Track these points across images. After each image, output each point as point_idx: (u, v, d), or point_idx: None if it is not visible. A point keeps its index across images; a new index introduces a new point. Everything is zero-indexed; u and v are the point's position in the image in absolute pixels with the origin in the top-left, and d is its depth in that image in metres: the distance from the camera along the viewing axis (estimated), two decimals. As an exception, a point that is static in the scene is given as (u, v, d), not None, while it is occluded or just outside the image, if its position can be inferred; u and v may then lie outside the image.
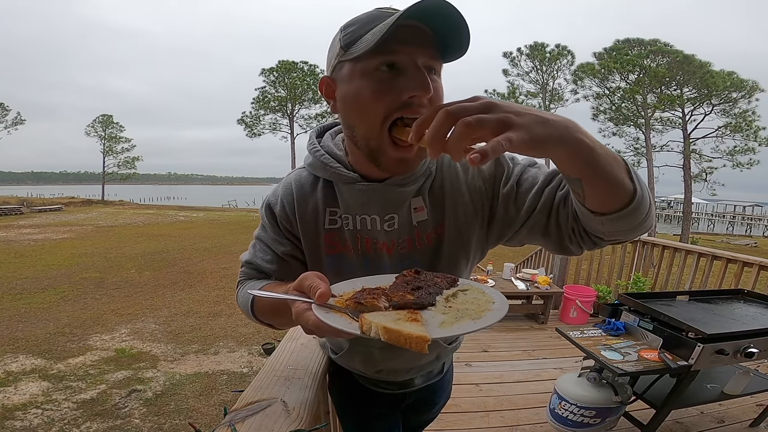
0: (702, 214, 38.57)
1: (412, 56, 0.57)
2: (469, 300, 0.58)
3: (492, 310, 0.54)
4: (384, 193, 0.71)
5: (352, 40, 0.59)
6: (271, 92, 23.20)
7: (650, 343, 1.76)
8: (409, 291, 0.57)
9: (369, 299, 0.54)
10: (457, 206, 0.74)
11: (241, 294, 0.79)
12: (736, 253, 3.41)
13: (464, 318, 0.52)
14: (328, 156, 0.73)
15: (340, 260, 0.76)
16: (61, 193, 42.46)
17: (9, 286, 7.48)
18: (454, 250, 0.76)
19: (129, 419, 3.51)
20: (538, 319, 3.99)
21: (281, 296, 0.55)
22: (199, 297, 7.15)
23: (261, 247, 0.81)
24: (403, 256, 0.75)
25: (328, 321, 0.49)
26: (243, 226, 18.05)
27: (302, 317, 0.51)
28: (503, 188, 0.72)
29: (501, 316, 0.52)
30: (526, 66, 18.53)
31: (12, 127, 28.32)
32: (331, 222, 0.75)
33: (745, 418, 2.24)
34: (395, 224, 0.73)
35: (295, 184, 0.77)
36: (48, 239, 12.94)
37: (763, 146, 15.28)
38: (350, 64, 0.61)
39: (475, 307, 0.56)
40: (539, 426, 2.20)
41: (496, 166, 0.74)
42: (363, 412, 0.99)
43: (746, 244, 18.45)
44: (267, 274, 0.79)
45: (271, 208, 0.78)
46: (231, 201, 41.35)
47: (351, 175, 0.71)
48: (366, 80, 0.59)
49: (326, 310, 0.52)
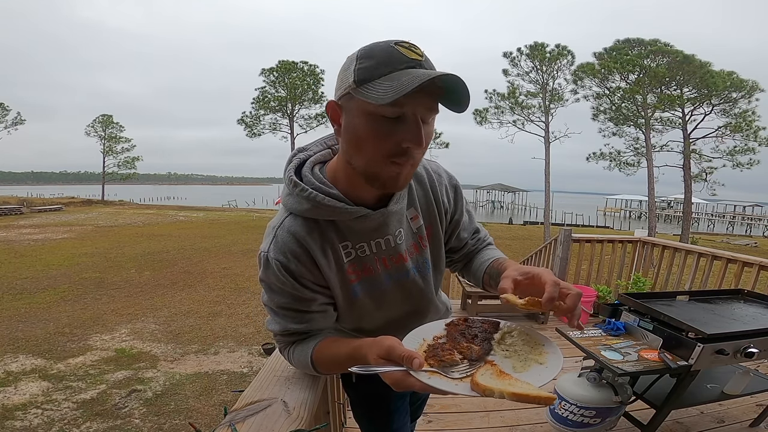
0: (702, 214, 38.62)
1: (414, 109, 0.62)
2: (519, 342, 0.68)
3: (549, 352, 0.65)
4: (390, 216, 0.78)
5: (366, 78, 0.61)
6: (271, 92, 23.18)
7: (650, 343, 1.76)
8: (469, 340, 0.67)
9: (447, 356, 0.62)
10: (436, 207, 0.89)
11: (296, 359, 0.82)
12: (736, 253, 3.41)
13: (530, 362, 0.64)
14: (329, 198, 0.72)
15: (368, 283, 0.82)
16: (61, 193, 42.39)
17: (9, 286, 7.48)
18: (438, 243, 0.91)
19: (129, 419, 3.51)
20: (538, 319, 4.00)
21: (382, 370, 0.60)
22: (199, 297, 7.15)
23: (287, 315, 0.78)
24: (416, 259, 0.87)
25: (436, 385, 0.57)
26: (243, 226, 18.05)
27: (405, 383, 0.58)
28: (454, 215, 0.94)
29: (561, 358, 0.63)
30: (526, 66, 18.47)
31: (12, 127, 28.26)
32: (347, 254, 0.78)
33: (745, 418, 2.24)
34: (402, 236, 0.83)
35: (299, 235, 0.74)
36: (48, 239, 12.94)
37: (763, 146, 15.27)
38: (359, 101, 0.63)
39: (530, 349, 0.67)
40: (539, 426, 2.20)
41: (456, 196, 0.93)
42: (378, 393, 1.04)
43: (746, 244, 18.47)
44: (306, 332, 0.81)
45: (284, 268, 0.73)
46: (231, 201, 41.35)
47: (357, 210, 0.73)
48: (370, 123, 0.63)
49: (426, 375, 0.58)
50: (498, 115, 19.12)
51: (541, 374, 0.59)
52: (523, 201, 47.67)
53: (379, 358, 0.61)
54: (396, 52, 0.62)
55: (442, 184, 0.90)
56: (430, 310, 0.95)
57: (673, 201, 38.42)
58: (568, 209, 36.68)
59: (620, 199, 47.27)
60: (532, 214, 38.25)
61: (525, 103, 18.66)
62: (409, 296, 0.88)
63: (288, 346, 0.83)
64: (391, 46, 0.62)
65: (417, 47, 0.64)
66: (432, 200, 0.88)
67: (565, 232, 4.41)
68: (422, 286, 0.89)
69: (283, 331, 0.80)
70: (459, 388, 0.57)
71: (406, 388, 0.58)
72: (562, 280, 3.40)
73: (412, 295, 0.89)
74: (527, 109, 18.74)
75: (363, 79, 0.62)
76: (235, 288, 7.77)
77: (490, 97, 18.96)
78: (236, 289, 7.72)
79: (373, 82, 0.61)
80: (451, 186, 0.93)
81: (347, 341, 0.74)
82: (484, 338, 0.68)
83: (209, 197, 52.17)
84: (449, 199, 0.92)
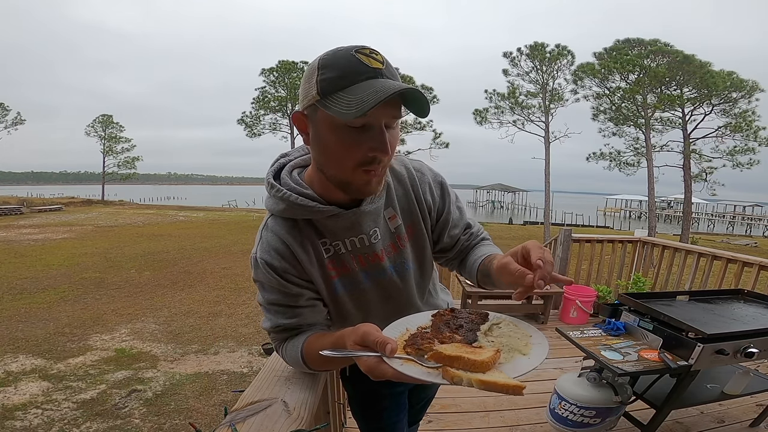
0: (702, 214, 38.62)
1: (378, 118, 0.64)
2: (506, 333, 0.68)
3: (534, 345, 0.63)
4: (363, 215, 0.80)
5: (329, 90, 0.63)
6: (271, 92, 23.16)
7: (650, 343, 1.76)
8: (453, 330, 0.66)
9: (425, 345, 0.60)
10: (417, 206, 0.89)
11: (288, 355, 0.84)
12: (736, 253, 3.41)
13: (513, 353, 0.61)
14: (302, 198, 0.76)
15: (347, 280, 0.85)
16: (61, 193, 42.36)
17: (9, 286, 7.48)
18: (422, 243, 0.91)
19: (129, 419, 3.51)
20: (538, 319, 4.00)
21: (352, 354, 0.60)
22: (199, 297, 7.15)
23: (278, 310, 0.82)
24: (394, 259, 0.88)
25: (407, 372, 0.56)
26: (243, 226, 18.05)
27: (378, 370, 0.57)
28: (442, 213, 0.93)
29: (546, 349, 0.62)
30: (526, 66, 18.46)
31: (12, 127, 28.25)
32: (326, 251, 0.82)
33: (745, 418, 2.24)
34: (378, 236, 0.84)
35: (280, 233, 0.79)
36: (48, 239, 12.94)
37: (763, 146, 15.24)
38: (323, 113, 0.65)
39: (515, 340, 0.65)
40: (539, 426, 2.20)
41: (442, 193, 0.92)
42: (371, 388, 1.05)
43: (746, 244, 18.47)
44: (296, 327, 0.83)
45: (269, 265, 0.78)
46: (231, 201, 41.34)
47: (329, 209, 0.76)
48: (336, 133, 0.65)
49: (399, 362, 0.57)
50: (498, 115, 19.11)
51: (521, 365, 0.58)
52: (523, 201, 47.68)
53: (355, 344, 0.61)
54: (356, 61, 0.63)
55: (425, 182, 0.90)
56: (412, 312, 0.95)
57: (673, 201, 38.42)
58: (568, 209, 36.67)
59: (620, 199, 47.28)
60: (532, 214, 38.25)
61: (525, 103, 18.65)
62: (389, 296, 0.89)
63: (281, 343, 0.85)
64: (351, 54, 0.63)
65: (378, 53, 0.65)
66: (413, 199, 0.88)
67: (565, 232, 4.41)
68: (401, 286, 0.90)
69: (275, 327, 0.82)
70: (431, 377, 0.56)
71: (380, 376, 0.58)
72: (562, 280, 3.26)
73: (391, 296, 0.90)
74: (527, 109, 18.73)
75: (326, 91, 0.63)
76: (235, 288, 7.77)
77: (490, 97, 18.97)
78: (236, 289, 7.72)
79: (335, 95, 0.62)
80: (435, 183, 0.92)
81: (330, 334, 0.76)
82: (469, 329, 0.67)
83: (209, 197, 52.17)
84: (434, 196, 0.91)
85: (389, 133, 0.67)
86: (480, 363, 0.55)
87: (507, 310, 4.09)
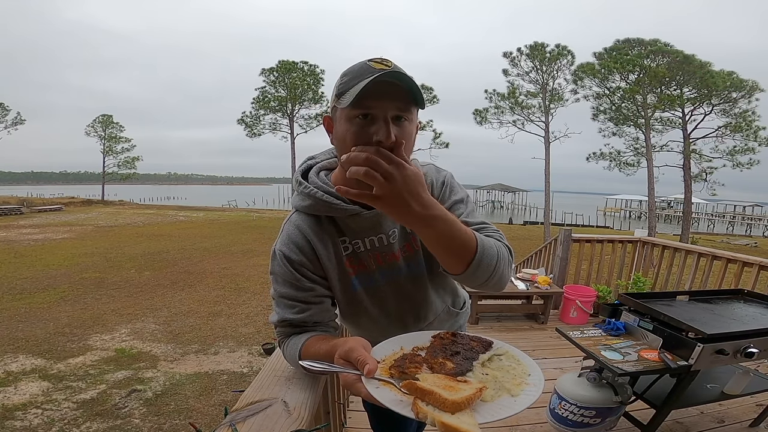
0: (702, 214, 38.61)
1: (384, 110, 0.70)
2: (504, 367, 0.64)
3: (529, 384, 0.59)
4: (383, 216, 0.85)
5: (343, 91, 0.72)
6: (271, 92, 23.16)
7: (650, 343, 1.76)
8: (448, 357, 0.63)
9: (411, 369, 0.59)
10: None
11: (288, 352, 0.86)
12: (736, 253, 3.41)
13: (502, 391, 0.58)
14: (328, 195, 0.82)
15: (364, 277, 0.89)
16: (61, 193, 42.34)
17: (9, 286, 7.48)
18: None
19: (129, 419, 3.51)
20: (538, 319, 3.99)
21: (332, 370, 0.61)
22: (199, 297, 7.15)
23: (287, 304, 0.85)
24: (408, 258, 0.91)
25: (379, 397, 0.54)
26: (243, 226, 18.05)
27: (353, 388, 0.58)
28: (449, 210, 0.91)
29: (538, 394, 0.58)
30: (526, 66, 18.43)
31: (12, 127, 28.22)
32: (345, 249, 0.87)
33: (745, 418, 2.24)
34: (396, 235, 0.88)
35: (302, 228, 0.85)
36: (48, 239, 12.94)
37: (763, 146, 15.23)
38: (339, 110, 0.74)
39: (511, 378, 0.61)
40: (539, 426, 2.20)
41: (443, 189, 0.93)
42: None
43: (746, 244, 18.46)
44: (302, 324, 0.86)
45: (286, 257, 0.83)
46: (231, 201, 41.32)
47: (353, 208, 0.82)
48: (348, 126, 0.73)
49: (375, 384, 0.56)
50: (498, 115, 19.10)
51: (499, 410, 0.54)
52: (523, 201, 47.64)
53: (340, 358, 0.63)
54: (367, 67, 0.72)
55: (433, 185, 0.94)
56: (427, 311, 0.96)
57: (673, 201, 38.41)
58: (568, 209, 36.65)
59: (620, 199, 47.25)
60: (532, 214, 38.22)
61: (525, 103, 18.64)
62: (403, 295, 0.92)
63: (285, 338, 0.87)
64: (364, 62, 0.73)
65: (388, 60, 0.73)
66: None
67: (565, 232, 4.41)
68: (415, 285, 0.92)
69: (281, 320, 0.85)
70: (399, 406, 0.53)
71: (356, 393, 0.58)
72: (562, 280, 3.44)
73: (405, 295, 0.92)
74: (527, 109, 18.72)
75: (340, 92, 0.73)
76: (235, 288, 7.77)
77: (490, 97, 18.97)
78: (236, 289, 7.72)
79: (345, 94, 0.72)
80: (438, 183, 0.94)
81: (331, 339, 0.78)
82: (466, 357, 0.64)
83: (209, 197, 52.15)
84: (440, 196, 0.93)
85: (398, 126, 0.72)
86: (450, 403, 0.52)
87: (507, 309, 4.10)
